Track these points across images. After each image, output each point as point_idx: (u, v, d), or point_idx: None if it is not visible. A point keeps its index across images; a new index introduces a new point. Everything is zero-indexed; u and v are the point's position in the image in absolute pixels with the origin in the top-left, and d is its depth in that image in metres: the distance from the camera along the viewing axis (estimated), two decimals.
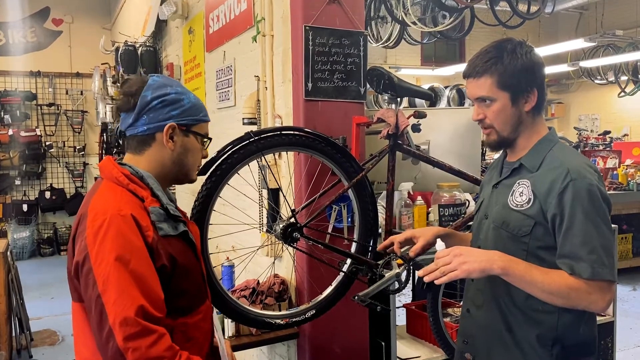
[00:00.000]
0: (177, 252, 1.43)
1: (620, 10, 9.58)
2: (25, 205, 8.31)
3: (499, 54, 1.53)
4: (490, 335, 1.61)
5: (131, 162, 1.50)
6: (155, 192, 1.45)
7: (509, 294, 1.55)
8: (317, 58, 2.48)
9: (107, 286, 1.27)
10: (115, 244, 1.30)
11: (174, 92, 1.49)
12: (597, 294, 1.41)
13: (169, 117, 1.47)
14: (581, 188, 1.43)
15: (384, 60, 9.81)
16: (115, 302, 1.26)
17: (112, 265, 1.28)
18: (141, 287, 1.29)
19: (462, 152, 2.84)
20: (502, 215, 1.58)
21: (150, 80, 1.50)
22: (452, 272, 1.42)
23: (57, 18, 8.79)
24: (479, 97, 1.57)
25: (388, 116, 2.19)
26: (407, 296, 4.34)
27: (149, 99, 1.45)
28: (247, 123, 2.93)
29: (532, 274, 1.42)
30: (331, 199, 2.11)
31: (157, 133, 1.48)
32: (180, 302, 1.44)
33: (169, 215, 1.45)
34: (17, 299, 4.33)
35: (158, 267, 1.37)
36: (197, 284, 1.53)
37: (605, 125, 10.49)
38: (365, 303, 1.92)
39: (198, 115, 1.53)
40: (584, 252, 1.41)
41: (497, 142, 1.60)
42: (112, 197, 1.39)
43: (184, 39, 4.68)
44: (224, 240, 3.08)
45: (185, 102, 1.50)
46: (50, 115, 8.70)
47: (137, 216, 1.36)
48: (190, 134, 1.52)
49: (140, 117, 1.46)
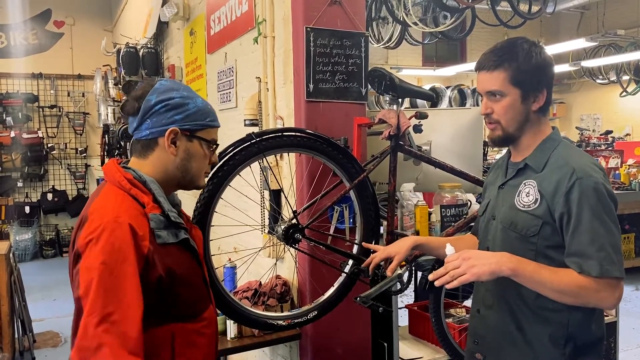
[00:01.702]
0: (175, 262, 1.41)
1: (622, 10, 9.57)
2: (28, 207, 8.33)
3: (514, 50, 1.54)
4: (501, 335, 1.62)
5: (136, 166, 1.48)
6: (157, 198, 1.43)
7: (518, 293, 1.55)
8: (318, 59, 2.48)
9: (87, 291, 1.25)
10: (105, 250, 1.27)
11: (179, 96, 1.45)
12: (606, 291, 1.42)
13: (172, 121, 1.44)
14: (588, 186, 1.44)
15: (385, 60, 9.81)
16: (88, 310, 1.24)
17: (95, 270, 1.26)
18: (119, 299, 1.25)
19: (463, 153, 2.83)
20: (509, 216, 1.58)
21: (157, 84, 1.47)
22: (462, 276, 1.43)
23: (58, 20, 8.80)
24: (489, 91, 1.57)
25: (389, 117, 2.19)
26: (409, 297, 4.34)
27: (152, 103, 1.43)
28: (249, 124, 2.93)
29: (541, 273, 1.43)
30: (333, 200, 2.11)
31: (159, 138, 1.45)
32: (180, 310, 1.43)
33: (170, 222, 1.42)
34: (20, 300, 4.34)
35: (154, 279, 1.34)
36: (198, 291, 1.51)
37: (607, 125, 10.48)
38: (367, 304, 1.92)
39: (204, 120, 1.49)
40: (593, 250, 1.41)
41: (501, 138, 1.60)
42: (113, 202, 1.37)
43: (185, 40, 4.68)
44: (226, 241, 3.09)
45: (190, 107, 1.46)
46: (52, 117, 8.71)
47: (135, 225, 1.33)
48: (195, 139, 1.48)
49: (144, 121, 1.44)
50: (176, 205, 1.56)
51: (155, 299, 1.35)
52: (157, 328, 1.37)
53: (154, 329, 1.36)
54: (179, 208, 1.57)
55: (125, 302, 1.26)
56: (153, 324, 1.35)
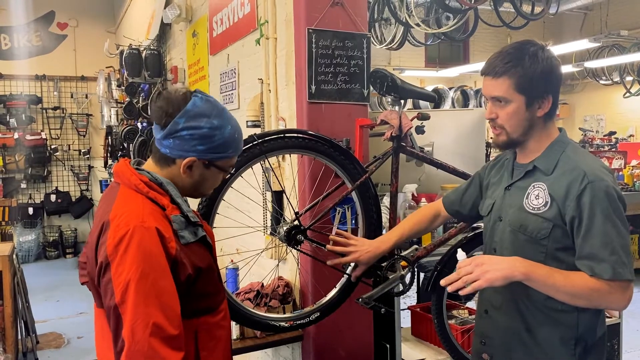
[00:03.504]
0: (198, 258, 1.43)
1: (625, 11, 9.54)
2: (31, 209, 8.36)
3: (520, 56, 1.51)
4: (509, 335, 1.62)
5: (151, 169, 1.47)
6: (175, 199, 1.44)
7: (527, 294, 1.55)
8: (320, 60, 2.48)
9: (124, 298, 1.27)
10: (137, 257, 1.28)
11: (208, 126, 1.40)
12: (618, 293, 1.43)
13: (193, 150, 1.41)
14: (599, 190, 1.44)
15: (388, 62, 9.80)
16: (131, 317, 1.26)
17: (131, 277, 1.27)
18: (159, 303, 1.28)
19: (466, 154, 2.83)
20: (519, 218, 1.58)
21: (190, 105, 1.40)
22: (475, 283, 1.43)
23: (62, 22, 8.82)
24: (494, 97, 1.57)
25: (391, 118, 2.18)
26: (412, 298, 4.33)
27: (179, 128, 1.39)
28: (251, 126, 2.93)
29: (554, 277, 1.44)
30: (335, 201, 2.10)
31: (178, 159, 1.44)
32: (203, 304, 1.46)
33: (189, 222, 1.44)
34: (23, 302, 4.34)
35: (184, 279, 1.37)
36: (215, 284, 1.54)
37: (610, 125, 10.45)
38: (369, 305, 1.91)
39: (226, 152, 1.45)
40: (605, 254, 1.42)
41: (506, 143, 1.60)
42: (135, 206, 1.36)
43: (188, 42, 4.69)
44: (228, 243, 3.09)
45: (216, 139, 1.42)
46: (56, 119, 8.74)
47: (161, 228, 1.34)
48: (212, 167, 1.47)
49: (167, 139, 1.42)
50: (185, 202, 1.57)
51: (182, 297, 1.37)
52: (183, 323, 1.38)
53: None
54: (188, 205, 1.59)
55: (165, 305, 1.30)
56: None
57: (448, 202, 1.92)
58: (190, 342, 1.42)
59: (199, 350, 1.44)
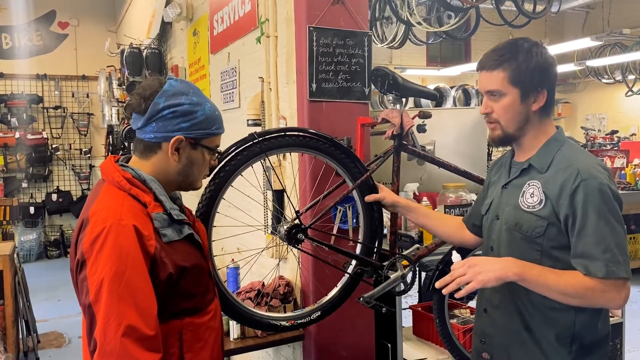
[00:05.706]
0: (182, 257, 1.40)
1: (627, 9, 9.52)
2: (32, 208, 8.36)
3: (515, 50, 1.54)
4: (508, 334, 1.62)
5: (137, 165, 1.46)
6: (159, 197, 1.41)
7: (525, 293, 1.55)
8: (321, 59, 2.47)
9: (98, 297, 1.24)
10: (112, 255, 1.26)
11: (187, 102, 1.42)
12: (612, 292, 1.42)
13: (178, 129, 1.41)
14: (592, 188, 1.43)
15: (389, 60, 9.79)
16: (104, 316, 1.23)
17: (105, 276, 1.25)
18: (133, 302, 1.26)
19: (467, 153, 2.82)
20: (514, 216, 1.58)
21: (167, 85, 1.42)
22: (468, 285, 1.44)
23: (62, 21, 8.83)
24: (489, 91, 1.58)
25: (392, 116, 2.17)
26: (413, 297, 4.32)
27: (160, 107, 1.40)
28: (252, 124, 2.92)
29: (547, 277, 1.44)
30: (336, 200, 2.09)
31: (163, 143, 1.43)
32: (188, 304, 1.43)
33: (173, 220, 1.41)
34: (24, 301, 4.34)
35: (164, 278, 1.34)
36: (204, 285, 1.51)
37: (612, 124, 10.43)
38: (370, 304, 1.91)
39: (210, 128, 1.46)
40: (598, 252, 1.41)
41: (501, 138, 1.61)
42: (114, 203, 1.35)
43: (189, 40, 4.69)
44: (228, 242, 3.08)
45: (198, 115, 1.43)
46: (57, 118, 8.74)
47: (139, 226, 1.32)
48: (199, 146, 1.46)
49: (149, 124, 1.41)
50: (177, 199, 1.55)
51: (165, 296, 1.35)
52: (166, 324, 1.37)
53: (163, 325, 1.35)
54: (180, 202, 1.56)
55: (139, 305, 1.26)
56: (162, 320, 1.34)
57: (466, 218, 1.91)
58: (174, 344, 1.39)
59: (184, 352, 1.41)
